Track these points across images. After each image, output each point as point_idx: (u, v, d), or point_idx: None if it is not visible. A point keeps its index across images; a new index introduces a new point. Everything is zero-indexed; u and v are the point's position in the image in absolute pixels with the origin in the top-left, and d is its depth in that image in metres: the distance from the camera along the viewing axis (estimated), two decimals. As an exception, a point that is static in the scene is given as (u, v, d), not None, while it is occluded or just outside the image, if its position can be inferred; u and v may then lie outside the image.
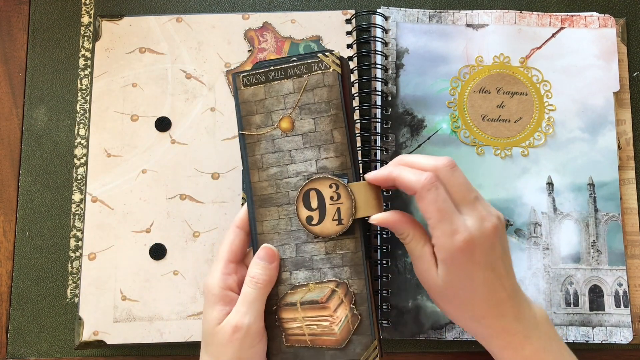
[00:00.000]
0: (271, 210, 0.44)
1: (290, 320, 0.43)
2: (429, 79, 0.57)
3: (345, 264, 0.43)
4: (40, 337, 0.54)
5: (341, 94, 0.43)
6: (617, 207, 0.55)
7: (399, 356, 0.54)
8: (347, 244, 0.43)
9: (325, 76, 0.43)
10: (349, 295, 0.42)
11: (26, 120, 0.57)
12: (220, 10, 0.60)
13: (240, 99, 0.44)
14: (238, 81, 0.44)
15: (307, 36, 0.58)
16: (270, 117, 0.44)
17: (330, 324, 0.42)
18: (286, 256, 0.43)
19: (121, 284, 0.53)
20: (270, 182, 0.44)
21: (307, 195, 0.43)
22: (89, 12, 0.60)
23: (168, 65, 0.57)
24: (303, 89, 0.43)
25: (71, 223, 0.56)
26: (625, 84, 0.58)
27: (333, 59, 0.43)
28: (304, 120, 0.43)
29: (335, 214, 0.42)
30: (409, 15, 0.58)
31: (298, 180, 0.43)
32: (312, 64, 0.43)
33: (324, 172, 0.43)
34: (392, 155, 0.55)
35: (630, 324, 0.53)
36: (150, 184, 0.55)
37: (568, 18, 0.58)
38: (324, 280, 0.43)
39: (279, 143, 0.44)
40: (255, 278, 0.42)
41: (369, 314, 0.42)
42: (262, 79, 0.44)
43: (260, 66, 0.44)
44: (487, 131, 0.56)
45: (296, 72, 0.44)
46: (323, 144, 0.43)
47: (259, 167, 0.44)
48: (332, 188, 0.43)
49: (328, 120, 0.43)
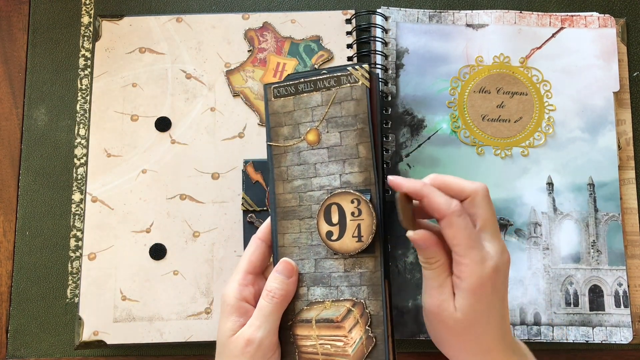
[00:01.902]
0: (293, 223, 0.43)
1: (304, 337, 0.42)
2: (429, 79, 0.57)
3: (364, 284, 0.42)
4: (40, 337, 0.54)
5: (369, 108, 0.42)
6: (617, 207, 0.55)
7: (399, 356, 0.54)
8: (366, 262, 0.42)
9: (353, 90, 0.43)
10: (365, 316, 0.41)
11: (26, 120, 0.57)
12: (220, 10, 0.60)
13: (270, 110, 0.44)
14: (269, 92, 0.44)
15: (307, 36, 0.58)
16: (297, 129, 0.43)
17: (344, 344, 0.41)
18: (305, 271, 0.43)
19: (121, 284, 0.53)
20: (294, 194, 0.43)
21: (329, 210, 0.42)
22: (89, 12, 0.60)
23: (168, 65, 0.57)
24: (331, 102, 0.43)
25: (71, 223, 0.56)
26: (625, 84, 0.58)
27: (363, 72, 0.43)
28: (330, 134, 0.43)
29: (355, 231, 0.41)
30: (409, 15, 0.58)
31: (321, 194, 0.43)
32: (342, 77, 0.43)
33: (347, 187, 0.42)
34: (392, 156, 0.55)
35: (630, 324, 0.53)
36: (150, 184, 0.55)
37: (568, 18, 0.58)
38: (340, 299, 0.42)
39: (304, 155, 0.43)
40: (272, 292, 0.41)
41: (384, 338, 0.41)
42: (292, 91, 0.44)
43: (291, 78, 0.44)
44: (487, 131, 0.56)
45: (325, 85, 0.43)
46: (348, 158, 0.43)
47: (284, 179, 0.43)
48: (354, 203, 0.42)
49: (354, 134, 0.43)
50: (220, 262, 0.53)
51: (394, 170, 0.55)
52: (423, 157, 0.55)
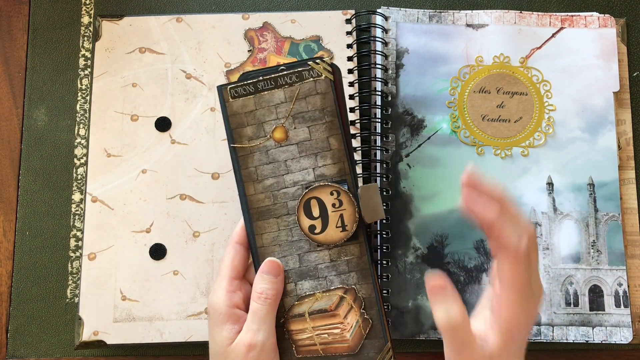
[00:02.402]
0: (270, 222, 0.43)
1: (299, 331, 0.42)
2: (429, 79, 0.57)
3: (352, 270, 0.42)
4: (40, 337, 0.54)
5: (335, 100, 0.43)
6: (617, 207, 0.55)
7: (399, 356, 0.54)
8: (351, 249, 0.42)
9: (317, 84, 0.43)
10: (358, 300, 0.42)
11: (26, 120, 0.57)
12: (220, 10, 0.60)
13: (229, 111, 0.43)
14: (225, 93, 0.43)
15: (307, 36, 0.58)
16: (262, 128, 0.43)
17: (342, 330, 0.42)
18: (289, 267, 0.43)
19: (121, 284, 0.53)
20: (267, 193, 0.43)
21: (308, 204, 0.42)
22: (89, 12, 0.60)
23: (168, 65, 0.57)
24: (295, 97, 0.43)
25: (71, 223, 0.56)
26: (625, 84, 0.58)
27: (324, 66, 0.43)
28: (298, 129, 0.43)
29: (339, 221, 0.42)
30: (409, 15, 0.58)
31: (296, 189, 0.43)
32: (303, 72, 0.43)
33: (322, 180, 0.43)
34: (392, 156, 0.55)
35: (630, 324, 0.53)
36: (150, 184, 0.55)
37: (568, 18, 0.58)
38: (331, 288, 0.42)
39: (273, 154, 0.43)
40: (263, 294, 0.41)
41: (379, 317, 0.42)
42: (251, 90, 0.43)
43: (247, 77, 0.43)
44: (487, 131, 0.56)
45: (287, 81, 0.43)
46: (320, 152, 0.43)
47: (253, 180, 0.43)
48: (334, 195, 0.42)
49: (323, 127, 0.43)
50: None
51: (394, 170, 0.55)
52: (423, 157, 0.55)
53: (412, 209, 0.54)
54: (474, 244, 0.54)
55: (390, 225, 0.54)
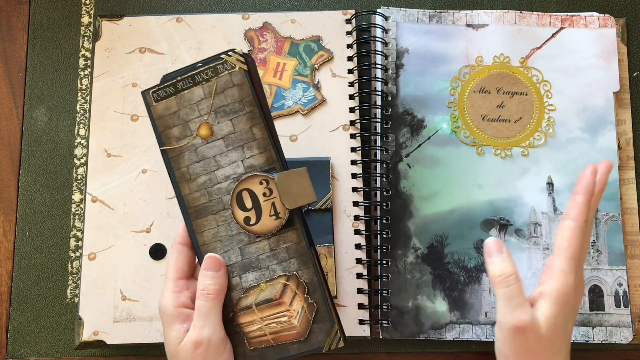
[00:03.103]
0: (208, 220, 0.43)
1: (249, 323, 0.43)
2: (429, 79, 0.57)
3: (292, 256, 0.43)
4: (40, 337, 0.54)
5: (252, 90, 0.43)
6: (617, 207, 0.55)
7: (399, 356, 0.54)
8: (289, 236, 0.43)
9: (232, 76, 0.43)
10: (301, 286, 0.43)
11: (26, 120, 0.57)
12: (220, 10, 0.60)
13: (155, 115, 0.44)
14: (148, 98, 0.44)
15: (307, 36, 0.58)
16: (187, 127, 0.43)
17: (289, 318, 0.42)
18: (232, 261, 0.43)
19: (121, 284, 0.53)
20: (202, 191, 0.43)
21: (240, 197, 0.43)
22: (89, 12, 0.60)
23: (168, 65, 0.57)
24: (214, 92, 0.43)
25: (71, 223, 0.56)
26: (625, 84, 0.58)
27: (237, 57, 0.43)
28: (221, 124, 0.43)
29: (272, 210, 0.42)
30: (409, 15, 0.58)
31: (229, 184, 0.43)
32: (217, 66, 0.43)
33: (252, 171, 0.43)
34: (392, 155, 0.55)
35: (630, 324, 0.53)
36: (150, 184, 0.55)
37: (568, 18, 0.58)
38: (274, 277, 0.43)
39: (201, 151, 0.43)
40: (205, 290, 0.42)
41: (324, 300, 0.43)
42: (171, 91, 0.43)
43: (167, 78, 0.43)
44: (487, 131, 0.56)
45: (203, 77, 0.43)
46: (245, 143, 0.43)
47: (187, 179, 0.44)
48: (263, 184, 0.42)
49: (245, 118, 0.43)
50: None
51: (394, 170, 0.55)
52: (423, 157, 0.55)
53: (412, 209, 0.54)
54: (474, 244, 0.54)
55: (390, 225, 0.54)
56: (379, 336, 0.52)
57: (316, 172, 0.54)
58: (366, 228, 0.54)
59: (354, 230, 0.54)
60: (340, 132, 0.56)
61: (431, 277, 0.53)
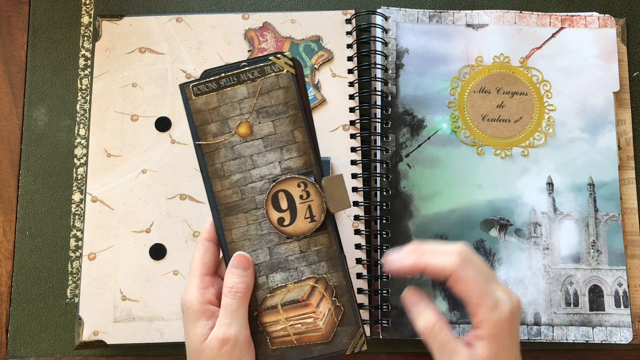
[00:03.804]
0: (239, 218, 0.43)
1: (273, 323, 0.43)
2: (429, 79, 0.57)
3: (322, 259, 0.43)
4: (40, 337, 0.54)
5: (298, 94, 0.43)
6: (617, 207, 0.55)
7: (399, 356, 0.54)
8: (320, 239, 0.43)
9: (279, 78, 0.43)
10: (330, 289, 0.43)
11: (26, 120, 0.57)
12: (220, 10, 0.60)
13: (192, 109, 0.44)
14: (188, 91, 0.44)
15: (307, 36, 0.58)
16: (226, 124, 0.43)
17: (315, 320, 0.43)
18: (260, 261, 0.43)
19: (121, 284, 0.53)
20: (234, 189, 0.43)
21: (276, 198, 0.43)
22: (89, 12, 0.60)
23: (168, 65, 0.57)
24: (258, 92, 0.43)
25: (71, 223, 0.56)
26: (625, 84, 0.58)
27: (285, 60, 0.43)
28: (262, 124, 0.43)
29: (307, 212, 0.43)
30: (409, 15, 0.58)
31: (263, 183, 0.43)
32: (265, 67, 0.43)
33: (289, 173, 0.43)
34: (392, 155, 0.55)
35: (630, 324, 0.53)
36: (150, 184, 0.55)
37: (568, 18, 0.58)
38: (302, 279, 0.43)
39: (238, 149, 0.43)
40: (233, 288, 0.42)
41: (351, 304, 0.43)
42: (213, 87, 0.43)
43: (209, 74, 0.43)
44: (487, 131, 0.56)
45: (249, 77, 0.43)
46: (285, 145, 0.43)
47: (220, 176, 0.43)
48: (301, 187, 0.43)
49: (287, 121, 0.43)
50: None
51: (394, 170, 0.55)
52: (423, 157, 0.55)
53: (412, 209, 0.54)
54: (474, 244, 0.54)
55: (390, 225, 0.54)
56: (379, 336, 0.52)
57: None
58: (366, 228, 0.54)
59: (354, 230, 0.54)
60: (340, 132, 0.56)
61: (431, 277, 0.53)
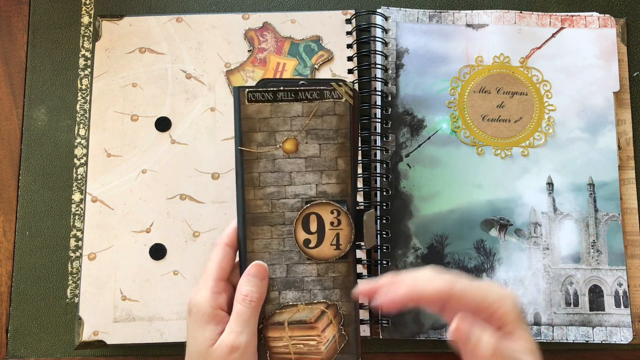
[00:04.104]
0: (264, 229, 0.43)
1: (276, 339, 0.43)
2: (429, 79, 0.57)
3: (337, 287, 0.43)
4: (40, 337, 0.54)
5: (351, 124, 0.43)
6: (617, 207, 0.55)
7: (399, 356, 0.54)
8: (339, 267, 0.43)
9: (336, 105, 0.43)
10: (338, 316, 0.43)
11: (26, 120, 0.57)
12: (220, 10, 0.60)
13: (243, 114, 0.44)
14: (242, 95, 0.43)
15: (307, 36, 0.58)
16: (273, 136, 0.44)
17: (318, 343, 0.43)
18: (276, 276, 0.43)
19: (121, 284, 0.53)
20: (266, 201, 0.43)
21: (307, 219, 0.43)
22: (89, 12, 0.60)
23: (168, 65, 0.57)
24: (313, 114, 0.43)
25: (71, 223, 0.56)
26: (625, 84, 0.58)
27: (346, 89, 0.43)
28: (309, 145, 0.43)
29: (334, 239, 0.43)
30: (409, 15, 0.58)
31: (296, 202, 0.43)
32: (325, 91, 0.43)
33: (323, 197, 0.43)
34: (392, 156, 0.55)
35: (630, 324, 0.53)
36: (150, 184, 0.55)
37: (568, 18, 0.58)
38: (313, 302, 0.43)
39: (279, 163, 0.43)
40: (248, 296, 0.41)
41: (355, 334, 0.43)
42: (269, 97, 0.43)
43: (267, 84, 0.44)
44: (487, 131, 0.56)
45: (307, 97, 0.43)
46: (326, 170, 0.43)
47: (255, 185, 0.44)
48: (334, 214, 0.43)
49: (334, 147, 0.43)
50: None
51: (394, 170, 0.55)
52: (423, 157, 0.55)
53: (412, 209, 0.54)
54: (474, 244, 0.54)
55: (390, 225, 0.54)
56: (379, 336, 0.52)
57: (316, 172, 0.54)
58: (366, 228, 0.54)
59: (354, 230, 0.54)
60: (340, 132, 0.56)
61: (431, 277, 0.53)
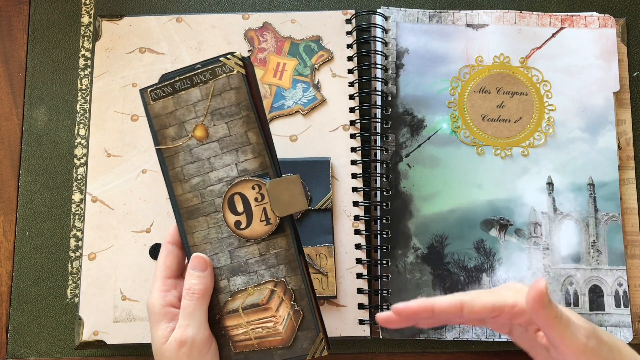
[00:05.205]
0: (199, 221, 0.43)
1: (235, 327, 0.43)
2: (429, 79, 0.57)
3: (280, 262, 0.43)
4: (40, 337, 0.54)
5: (249, 94, 0.43)
6: (617, 207, 0.55)
7: (399, 356, 0.54)
8: (279, 242, 0.43)
9: (230, 79, 0.43)
10: (288, 292, 0.43)
11: (26, 120, 0.57)
12: (220, 10, 0.60)
13: (151, 113, 0.44)
14: (146, 96, 0.44)
15: (307, 36, 0.58)
16: (183, 127, 0.43)
17: (274, 324, 0.43)
18: (221, 264, 0.43)
19: (121, 284, 0.53)
20: (194, 192, 0.43)
21: (232, 200, 0.43)
22: (89, 12, 0.60)
23: (168, 65, 0.57)
24: (211, 94, 0.43)
25: (71, 223, 0.56)
26: (625, 84, 0.58)
27: (235, 60, 0.43)
28: (217, 126, 0.43)
29: (262, 215, 0.43)
30: (409, 15, 0.58)
31: (221, 186, 0.43)
32: (216, 68, 0.43)
33: (245, 175, 0.43)
34: (392, 155, 0.55)
35: (630, 324, 0.53)
36: (150, 184, 0.55)
37: (568, 18, 0.58)
38: (261, 282, 0.43)
39: (196, 152, 0.43)
40: (191, 289, 0.42)
41: (310, 308, 0.43)
42: (169, 91, 0.43)
43: (165, 78, 0.44)
44: (487, 131, 0.56)
45: (201, 79, 0.43)
46: (240, 147, 0.43)
47: (180, 180, 0.44)
48: (255, 189, 0.43)
49: (241, 122, 0.43)
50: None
51: (394, 170, 0.55)
52: (423, 157, 0.55)
53: (412, 209, 0.54)
54: (474, 244, 0.54)
55: (390, 225, 0.54)
56: (379, 336, 0.52)
57: (316, 172, 0.54)
58: (366, 228, 0.54)
59: (354, 230, 0.54)
60: (340, 132, 0.56)
61: (431, 277, 0.53)
